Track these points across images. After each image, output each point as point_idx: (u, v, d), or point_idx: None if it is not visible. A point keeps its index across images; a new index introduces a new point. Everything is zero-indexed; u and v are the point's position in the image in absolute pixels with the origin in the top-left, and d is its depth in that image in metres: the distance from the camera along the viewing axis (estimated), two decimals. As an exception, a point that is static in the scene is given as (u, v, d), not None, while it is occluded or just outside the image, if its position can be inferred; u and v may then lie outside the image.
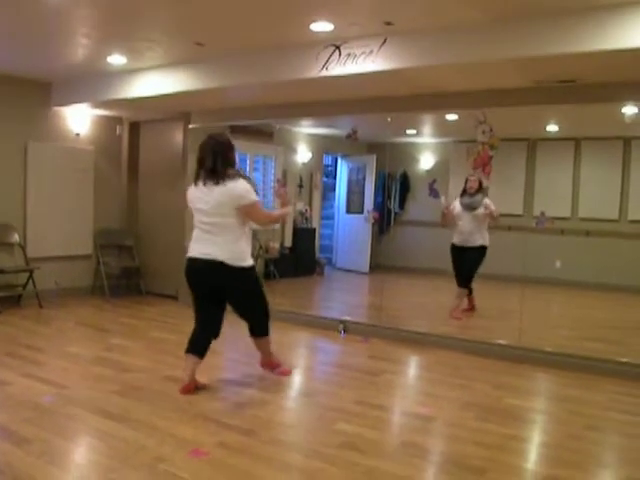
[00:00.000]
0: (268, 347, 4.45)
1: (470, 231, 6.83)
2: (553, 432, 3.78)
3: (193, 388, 4.09)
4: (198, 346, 4.13)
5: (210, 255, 3.95)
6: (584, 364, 5.00)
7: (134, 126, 8.26)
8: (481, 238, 6.86)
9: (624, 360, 4.94)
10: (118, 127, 8.12)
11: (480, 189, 6.77)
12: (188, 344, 4.14)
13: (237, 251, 3.99)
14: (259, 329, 4.33)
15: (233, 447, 3.22)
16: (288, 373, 4.63)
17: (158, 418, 3.62)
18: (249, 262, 4.07)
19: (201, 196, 3.99)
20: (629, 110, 5.91)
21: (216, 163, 3.92)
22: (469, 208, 6.78)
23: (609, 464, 3.35)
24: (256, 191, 4.10)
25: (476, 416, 3.89)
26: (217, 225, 3.96)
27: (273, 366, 4.56)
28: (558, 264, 8.87)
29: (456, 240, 6.99)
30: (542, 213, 5.87)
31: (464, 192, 6.89)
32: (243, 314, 4.27)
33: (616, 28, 3.82)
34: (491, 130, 5.24)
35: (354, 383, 4.55)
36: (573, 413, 4.04)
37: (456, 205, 6.92)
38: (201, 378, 4.24)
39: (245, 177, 4.07)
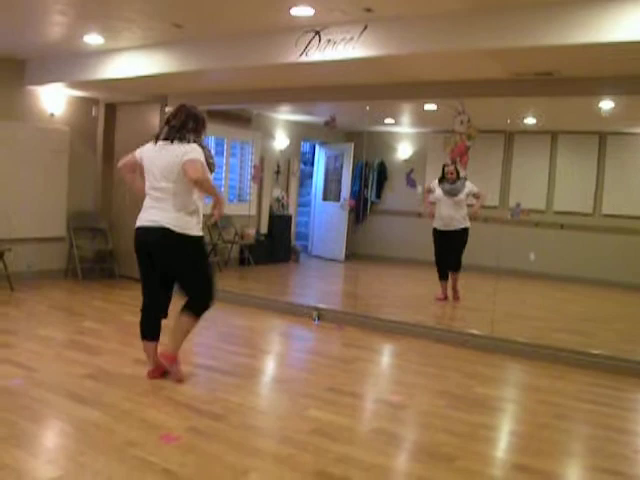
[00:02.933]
0: (187, 333, 4.04)
1: (451, 215, 6.92)
2: (523, 421, 3.82)
3: (160, 372, 4.05)
4: (149, 329, 4.02)
5: (157, 222, 3.79)
6: (555, 355, 5.06)
7: (110, 108, 8.13)
8: (463, 221, 6.96)
9: (595, 352, 5.01)
10: (94, 108, 7.98)
11: (458, 176, 6.82)
12: (140, 329, 4.04)
13: (183, 219, 3.80)
14: (194, 307, 3.97)
15: (204, 432, 3.21)
16: (181, 380, 4.02)
17: (129, 402, 3.58)
18: (196, 232, 3.88)
19: (154, 156, 3.84)
20: (606, 105, 5.97)
21: (184, 123, 3.82)
22: (450, 194, 6.85)
23: (577, 453, 3.40)
24: (213, 164, 3.98)
25: (447, 404, 3.92)
26: (164, 191, 3.79)
27: (171, 360, 4.01)
28: (532, 257, 8.96)
29: (437, 225, 7.05)
30: (517, 204, 5.93)
31: (443, 179, 6.94)
32: (184, 287, 3.99)
33: (596, 21, 3.83)
34: (469, 121, 5.27)
35: (327, 370, 4.55)
36: (543, 403, 4.09)
37: (436, 189, 6.98)
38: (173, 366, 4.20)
39: (204, 147, 3.90)
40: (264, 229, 9.84)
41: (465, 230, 7.01)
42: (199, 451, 2.98)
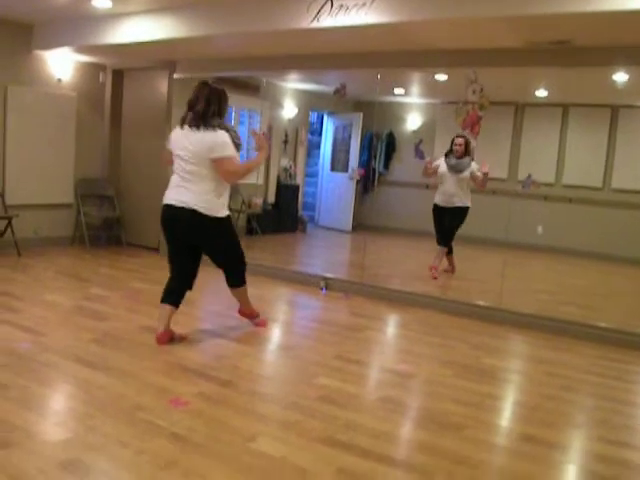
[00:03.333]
0: (245, 296, 4.49)
1: (453, 193, 6.79)
2: (530, 392, 3.82)
3: (168, 338, 4.07)
4: (173, 296, 4.10)
5: (185, 203, 3.92)
6: (563, 327, 5.06)
7: (118, 74, 8.06)
8: (463, 199, 6.82)
9: (602, 325, 5.00)
10: (101, 74, 7.91)
11: (467, 152, 6.71)
12: (163, 294, 4.12)
13: (212, 201, 3.95)
14: (235, 279, 4.35)
15: (212, 398, 3.22)
16: (264, 325, 4.66)
17: (137, 367, 3.60)
18: (224, 213, 4.05)
19: (182, 140, 3.94)
20: (620, 77, 5.87)
21: (207, 109, 3.88)
22: (455, 170, 6.71)
23: (583, 424, 3.40)
24: (239, 144, 4.04)
25: (454, 374, 3.92)
26: (194, 174, 3.92)
27: (251, 315, 4.60)
28: (540, 230, 8.92)
29: (438, 200, 6.96)
30: (529, 175, 5.85)
31: (450, 153, 6.82)
32: (219, 264, 4.29)
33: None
34: (481, 90, 5.19)
35: (334, 338, 4.56)
36: (550, 374, 4.09)
37: (441, 164, 6.85)
38: (180, 329, 4.23)
39: (229, 129, 3.99)
40: (271, 199, 9.80)
41: (465, 209, 6.84)
42: (207, 416, 3.00)
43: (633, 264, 8.13)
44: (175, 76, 7.31)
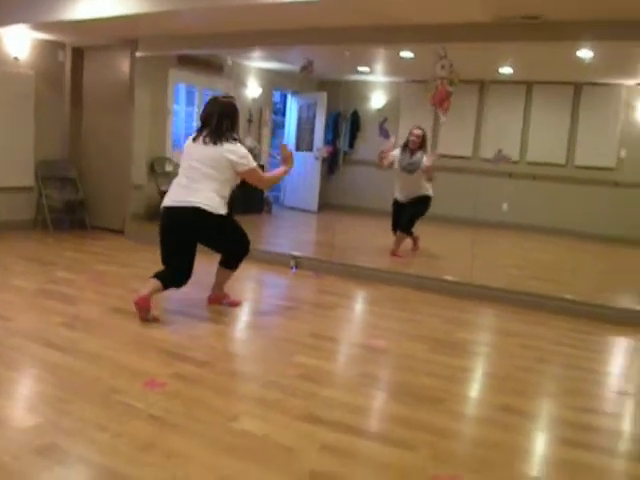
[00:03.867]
0: (227, 279, 4.54)
1: (410, 190, 6.77)
2: (505, 364, 3.85)
3: (146, 304, 3.98)
4: (165, 277, 4.06)
5: (190, 202, 4.01)
6: (532, 301, 5.12)
7: (77, 52, 7.82)
8: (423, 190, 6.77)
9: (571, 298, 5.08)
10: (60, 52, 7.67)
11: (422, 145, 6.66)
12: (155, 273, 4.08)
13: (216, 200, 4.07)
14: (231, 263, 4.43)
15: (189, 378, 3.17)
16: (238, 304, 4.65)
17: (109, 350, 3.52)
18: (224, 211, 4.16)
19: (197, 150, 4.10)
20: (585, 54, 5.91)
21: (221, 125, 4.07)
22: (407, 171, 6.67)
23: (559, 394, 3.44)
24: (256, 154, 4.11)
25: (429, 349, 3.94)
26: (202, 173, 4.06)
27: (221, 299, 4.59)
28: (505, 207, 9.01)
29: (398, 196, 6.95)
30: (499, 150, 5.88)
31: (405, 147, 6.73)
32: (220, 250, 4.39)
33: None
34: (451, 66, 5.17)
35: (307, 316, 4.55)
36: (524, 347, 4.15)
37: (395, 162, 6.78)
38: (153, 311, 4.14)
39: (241, 141, 4.23)
40: (237, 179, 9.67)
41: (425, 198, 6.77)
42: (185, 397, 2.95)
43: (596, 240, 8.28)
44: (137, 54, 7.14)
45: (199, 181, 4.05)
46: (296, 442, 2.56)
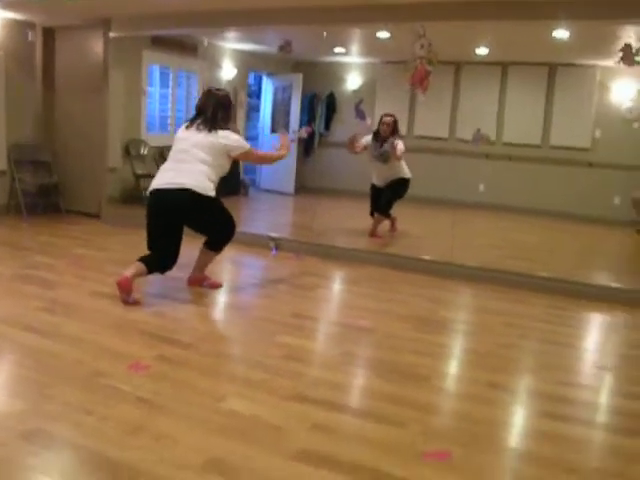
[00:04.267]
0: (210, 261, 4.56)
1: (386, 176, 6.77)
2: (489, 342, 3.87)
3: (129, 287, 3.96)
4: (150, 262, 4.05)
5: (181, 184, 4.02)
6: (511, 279, 5.17)
7: (48, 32, 7.63)
8: (399, 174, 6.77)
9: (549, 275, 5.15)
10: (30, 33, 7.48)
11: (394, 132, 6.62)
12: (141, 257, 4.06)
13: (206, 183, 4.09)
14: (215, 245, 4.46)
15: (174, 360, 3.15)
16: (219, 285, 4.64)
17: (91, 333, 3.48)
18: (213, 193, 4.16)
19: (191, 136, 4.16)
20: (560, 34, 5.94)
21: (216, 115, 4.18)
22: (380, 160, 6.66)
23: (542, 369, 3.48)
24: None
25: (413, 327, 3.97)
26: (195, 156, 4.10)
27: (201, 281, 4.59)
28: (482, 188, 9.08)
29: (375, 181, 6.95)
30: (478, 130, 5.90)
31: (377, 135, 6.69)
32: (206, 232, 4.40)
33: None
34: (430, 45, 5.15)
35: (289, 298, 4.54)
36: (507, 325, 4.19)
37: (369, 149, 6.75)
38: (134, 294, 4.09)
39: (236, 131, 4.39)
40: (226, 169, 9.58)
41: (403, 180, 6.75)
42: (171, 379, 2.93)
43: (571, 219, 8.39)
44: (111, 35, 6.99)
45: (190, 163, 4.09)
46: (285, 421, 2.56)
